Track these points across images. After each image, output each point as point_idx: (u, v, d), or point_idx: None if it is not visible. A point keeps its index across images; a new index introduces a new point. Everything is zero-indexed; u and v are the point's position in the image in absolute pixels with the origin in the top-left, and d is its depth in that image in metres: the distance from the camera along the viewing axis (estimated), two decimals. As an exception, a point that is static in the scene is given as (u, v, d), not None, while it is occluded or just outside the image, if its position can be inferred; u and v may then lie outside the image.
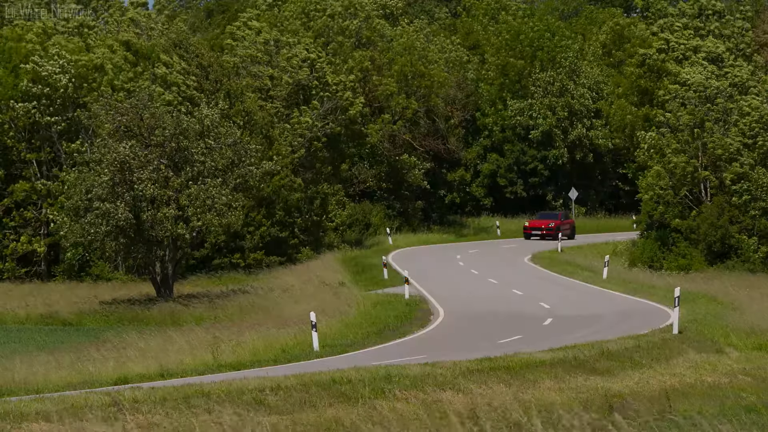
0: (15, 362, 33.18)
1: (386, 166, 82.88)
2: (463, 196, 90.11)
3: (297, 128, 72.02)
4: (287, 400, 22.64)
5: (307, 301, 45.76)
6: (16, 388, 29.21)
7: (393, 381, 24.57)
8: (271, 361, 32.60)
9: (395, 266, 60.46)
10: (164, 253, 53.92)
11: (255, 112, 67.69)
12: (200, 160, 53.50)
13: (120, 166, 52.35)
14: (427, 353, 31.57)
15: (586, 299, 46.58)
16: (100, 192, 52.27)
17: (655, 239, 61.67)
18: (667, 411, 15.17)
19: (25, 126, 66.86)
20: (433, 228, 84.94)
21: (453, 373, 25.58)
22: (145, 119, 53.76)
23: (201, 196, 52.86)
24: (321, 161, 73.69)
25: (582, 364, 27.42)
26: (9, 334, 45.62)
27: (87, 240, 53.13)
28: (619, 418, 13.78)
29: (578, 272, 57.12)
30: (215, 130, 54.32)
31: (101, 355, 34.80)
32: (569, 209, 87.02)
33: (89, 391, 25.60)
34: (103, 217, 52.04)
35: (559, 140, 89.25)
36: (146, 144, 53.60)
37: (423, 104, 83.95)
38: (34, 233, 66.66)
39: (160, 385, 26.20)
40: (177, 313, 49.58)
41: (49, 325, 49.39)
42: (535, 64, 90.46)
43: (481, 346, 32.34)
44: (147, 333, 40.16)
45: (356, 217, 77.53)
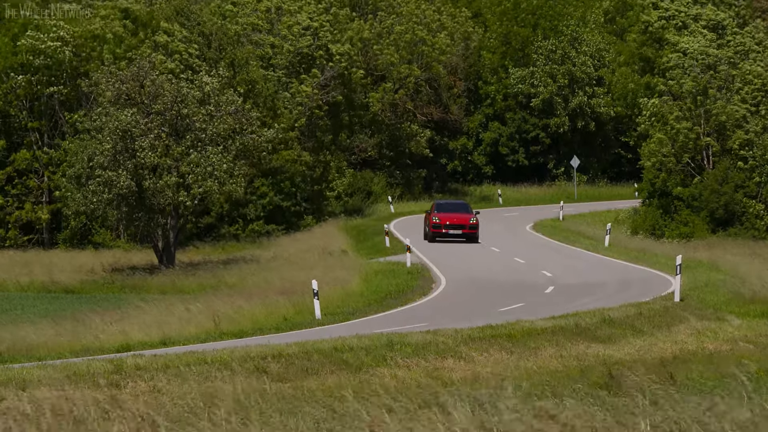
0: (17, 329, 33.24)
1: (388, 134, 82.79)
2: (465, 165, 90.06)
3: (297, 97, 71.90)
4: (289, 367, 22.68)
5: (309, 269, 45.80)
6: (19, 355, 29.29)
7: (395, 349, 24.61)
8: (273, 329, 32.66)
9: (397, 234, 60.48)
10: (166, 221, 53.94)
11: (258, 81, 67.55)
12: (201, 128, 53.45)
13: (121, 134, 52.30)
14: (429, 321, 31.62)
15: (588, 267, 46.61)
16: (102, 160, 52.25)
17: (657, 207, 61.64)
18: (668, 378, 15.19)
19: (26, 95, 66.78)
20: (434, 196, 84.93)
21: (455, 341, 25.62)
22: (146, 87, 53.67)
23: (202, 163, 52.84)
24: (322, 130, 73.61)
25: (583, 331, 27.46)
26: (11, 301, 45.70)
27: (89, 208, 53.13)
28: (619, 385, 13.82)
29: (580, 240, 57.13)
30: (216, 98, 54.23)
31: (103, 322, 34.86)
32: (571, 178, 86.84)
33: (92, 359, 25.66)
34: (105, 185, 52.04)
35: (560, 108, 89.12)
36: (147, 112, 53.53)
37: (425, 73, 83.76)
38: (37, 201, 66.70)
39: (162, 352, 26.27)
40: (179, 281, 49.64)
41: (52, 292, 49.46)
42: (537, 32, 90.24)
43: (482, 314, 32.38)
44: (149, 301, 40.22)
45: (358, 185, 77.51)
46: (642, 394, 12.49)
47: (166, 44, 67.18)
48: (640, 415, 10.28)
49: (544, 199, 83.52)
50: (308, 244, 58.92)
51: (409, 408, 10.23)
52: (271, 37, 74.28)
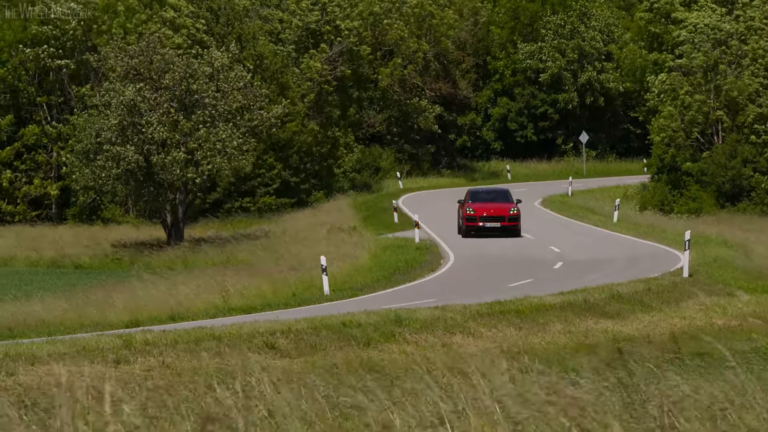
0: (27, 305, 33.32)
1: (396, 110, 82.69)
2: (474, 140, 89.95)
3: (306, 72, 71.80)
4: (298, 343, 22.73)
5: (318, 245, 45.84)
6: (28, 330, 29.37)
7: (403, 324, 24.64)
8: (281, 305, 32.70)
9: (405, 210, 60.47)
10: (174, 197, 53.98)
11: (267, 56, 67.46)
12: (211, 104, 53.42)
13: (128, 110, 52.30)
14: (438, 297, 31.65)
15: (597, 243, 46.58)
16: (110, 135, 52.27)
17: (665, 182, 61.55)
18: (676, 353, 15.21)
19: (35, 70, 66.77)
20: (443, 172, 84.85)
21: (463, 317, 25.63)
22: (155, 62, 53.63)
23: (211, 139, 52.84)
24: (330, 106, 73.52)
25: (592, 307, 27.46)
26: (21, 276, 45.80)
27: (98, 183, 53.20)
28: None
29: (589, 216, 57.08)
30: (224, 74, 54.18)
31: (112, 298, 34.94)
32: (580, 153, 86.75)
33: (101, 334, 25.72)
34: (113, 161, 52.08)
35: (569, 84, 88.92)
36: (156, 87, 53.50)
37: (433, 48, 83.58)
38: (45, 176, 66.77)
39: (171, 328, 26.32)
40: (187, 257, 49.70)
41: (61, 268, 49.56)
42: (546, 6, 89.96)
43: (491, 290, 32.39)
44: (158, 276, 40.27)
45: (366, 161, 77.46)
46: (649, 370, 12.50)
47: (173, 19, 67.09)
48: (645, 390, 10.29)
49: (553, 174, 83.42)
50: (317, 220, 58.94)
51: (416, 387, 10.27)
52: (279, 11, 74.12)
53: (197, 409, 9.89)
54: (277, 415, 9.12)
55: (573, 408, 8.67)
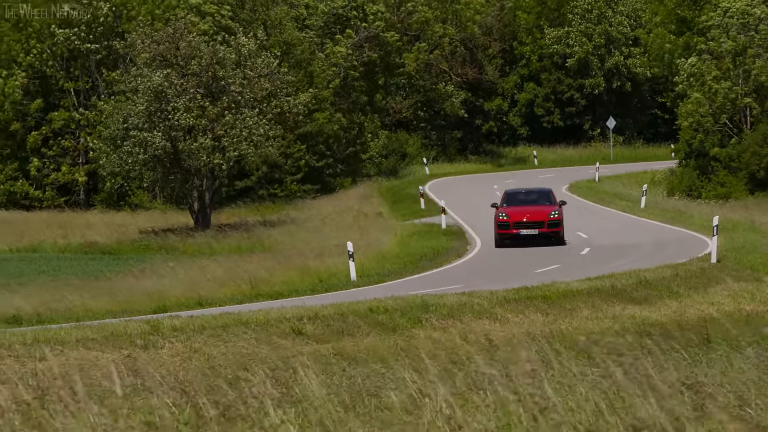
0: (55, 290, 33.47)
1: (422, 95, 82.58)
2: (500, 126, 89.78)
3: (332, 58, 71.77)
4: (325, 329, 22.76)
5: (345, 231, 45.87)
6: (57, 316, 29.51)
7: (430, 310, 24.63)
8: (308, 291, 32.74)
9: (432, 196, 60.43)
10: (201, 183, 54.10)
11: (294, 43, 67.46)
12: (237, 91, 53.48)
13: (155, 95, 52.41)
14: (464, 283, 31.62)
15: (624, 229, 46.45)
16: (137, 121, 52.41)
17: (693, 168, 61.32)
18: (705, 339, 15.17)
19: (64, 55, 66.98)
20: (469, 158, 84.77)
21: (490, 303, 25.61)
22: (182, 48, 53.70)
23: (237, 125, 52.90)
24: (357, 91, 73.48)
25: (619, 293, 27.39)
26: (49, 262, 46.00)
27: (125, 169, 53.37)
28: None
29: (616, 201, 56.93)
30: (251, 60, 54.21)
31: (140, 283, 35.05)
32: (607, 139, 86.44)
33: (128, 319, 25.82)
34: (140, 146, 52.22)
35: (595, 68, 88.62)
36: (183, 73, 53.59)
37: (460, 33, 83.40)
38: (73, 163, 67.04)
39: (198, 313, 26.40)
40: (215, 243, 49.82)
41: (89, 254, 49.75)
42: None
43: (518, 276, 32.35)
44: (185, 262, 40.38)
45: (392, 147, 77.45)
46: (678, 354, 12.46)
47: (198, 6, 67.14)
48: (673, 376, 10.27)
49: (580, 160, 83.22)
50: (343, 206, 58.98)
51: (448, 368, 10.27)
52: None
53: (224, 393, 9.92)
54: (309, 398, 9.15)
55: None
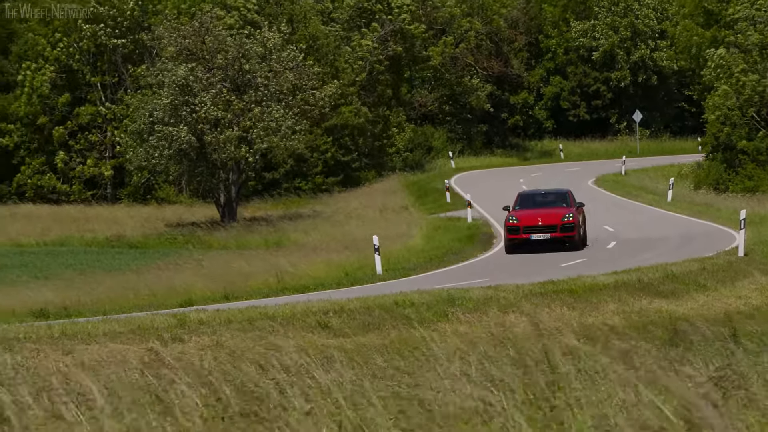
0: (82, 284, 33.59)
1: (448, 89, 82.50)
2: (526, 119, 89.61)
3: (358, 51, 71.76)
4: (351, 322, 22.76)
5: (370, 225, 45.88)
6: (84, 309, 29.62)
7: (456, 304, 24.60)
8: (334, 285, 32.77)
9: (457, 190, 60.37)
10: (227, 177, 54.19)
11: (319, 36, 67.47)
12: (263, 84, 53.54)
13: (181, 89, 52.51)
14: (490, 276, 31.58)
15: (651, 222, 46.31)
16: (162, 115, 52.53)
17: (720, 161, 61.05)
18: (733, 333, 15.10)
19: (90, 49, 67.18)
20: (495, 151, 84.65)
21: (516, 296, 25.56)
22: (208, 42, 53.78)
23: (264, 118, 52.97)
24: (382, 85, 73.45)
25: (646, 287, 27.30)
26: (76, 256, 46.18)
27: (151, 163, 53.50)
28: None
29: (642, 195, 56.76)
30: (277, 54, 54.26)
31: (166, 277, 35.14)
32: (634, 132, 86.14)
33: (155, 313, 25.90)
34: (166, 140, 52.34)
35: (621, 61, 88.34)
36: (209, 67, 53.67)
37: (485, 26, 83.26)
38: (100, 156, 67.25)
39: (224, 307, 26.45)
40: (241, 237, 49.92)
41: (115, 247, 49.91)
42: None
43: (544, 270, 32.29)
44: (211, 256, 40.47)
45: (418, 140, 77.41)
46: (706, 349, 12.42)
47: (224, 0, 67.21)
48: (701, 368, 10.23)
49: (606, 153, 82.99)
50: (369, 200, 58.98)
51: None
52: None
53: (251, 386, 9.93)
54: (334, 393, 9.15)
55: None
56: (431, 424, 8.14)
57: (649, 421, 7.62)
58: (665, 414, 7.64)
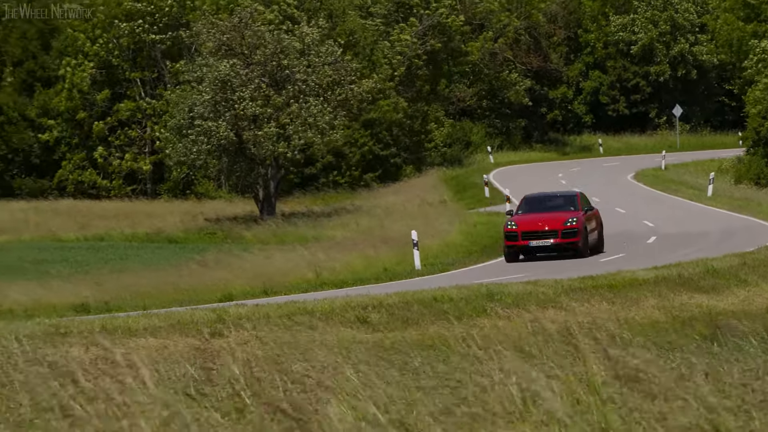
0: (123, 279, 33.76)
1: (487, 83, 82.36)
2: (565, 114, 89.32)
3: (397, 46, 71.73)
4: (390, 317, 22.76)
5: (409, 220, 45.86)
6: (124, 304, 29.76)
7: (495, 299, 24.55)
8: (372, 280, 32.79)
9: (496, 184, 60.27)
10: (266, 172, 54.32)
11: (357, 31, 67.51)
12: (302, 79, 53.61)
13: (221, 85, 52.67)
14: (529, 272, 31.51)
15: (691, 217, 46.07)
16: (202, 110, 52.70)
17: (761, 155, 60.66)
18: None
19: (129, 45, 67.49)
20: (534, 146, 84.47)
21: (555, 292, 25.48)
22: (246, 38, 53.91)
23: (302, 114, 53.05)
24: (421, 80, 73.41)
25: (686, 282, 27.16)
26: (116, 251, 46.40)
27: (190, 159, 53.69)
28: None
29: (682, 190, 56.48)
30: (315, 49, 54.32)
31: (205, 272, 35.27)
32: (673, 127, 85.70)
33: (195, 308, 25.99)
34: (205, 136, 52.51)
35: (661, 55, 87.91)
36: (247, 63, 53.80)
37: (524, 21, 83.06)
38: (139, 152, 67.57)
39: (263, 302, 26.52)
40: (279, 232, 50.03)
41: (155, 242, 50.14)
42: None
43: (583, 265, 32.18)
44: (250, 251, 40.58)
45: (457, 135, 77.33)
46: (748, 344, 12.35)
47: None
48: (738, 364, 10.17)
49: (646, 148, 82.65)
50: (408, 195, 58.97)
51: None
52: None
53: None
54: (372, 388, 9.15)
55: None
56: (474, 423, 8.14)
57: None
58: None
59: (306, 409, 8.48)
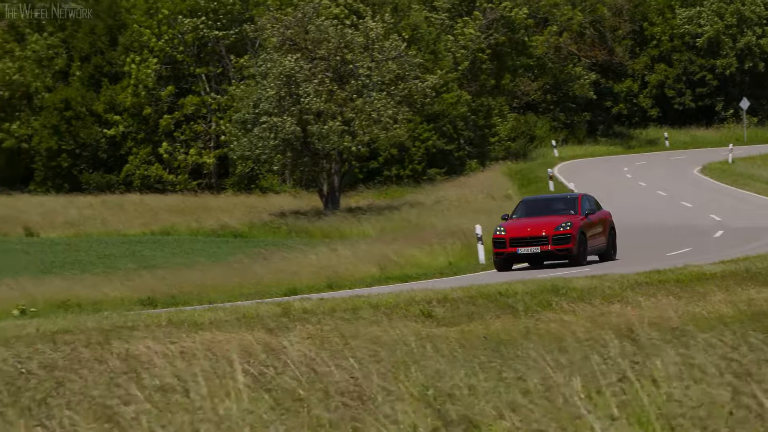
0: (189, 273, 33.97)
1: (551, 77, 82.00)
2: (630, 108, 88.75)
3: (461, 40, 71.60)
4: (454, 312, 22.73)
5: (473, 214, 45.76)
6: (190, 298, 29.96)
7: (560, 293, 24.43)
8: (437, 274, 32.76)
9: (561, 179, 60.01)
10: (330, 166, 54.43)
11: (421, 26, 67.46)
12: (365, 74, 53.65)
13: (285, 80, 52.83)
14: (594, 266, 31.32)
15: (759, 211, 45.60)
16: (267, 106, 52.89)
17: (831, 149, 59.92)
18: None
19: (194, 41, 67.90)
20: (599, 140, 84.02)
21: (621, 286, 25.32)
22: (310, 32, 54.03)
23: (366, 109, 53.09)
24: (485, 74, 73.23)
25: (754, 276, 26.88)
26: (182, 245, 46.72)
27: (255, 153, 53.92)
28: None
29: (751, 183, 55.92)
30: (379, 44, 54.34)
31: (270, 266, 35.41)
32: (741, 120, 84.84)
33: (260, 302, 26.10)
34: (271, 131, 52.71)
35: (727, 48, 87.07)
36: (311, 57, 53.92)
37: (589, 15, 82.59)
38: (204, 146, 67.97)
39: (328, 296, 26.57)
40: (343, 226, 50.12)
41: (220, 237, 50.42)
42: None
43: (649, 259, 31.96)
44: (314, 245, 40.68)
45: (521, 129, 77.09)
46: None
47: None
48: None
49: (712, 142, 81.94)
50: (472, 189, 58.87)
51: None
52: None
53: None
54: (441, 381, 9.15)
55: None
56: (542, 418, 8.10)
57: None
58: None
59: (367, 403, 8.48)
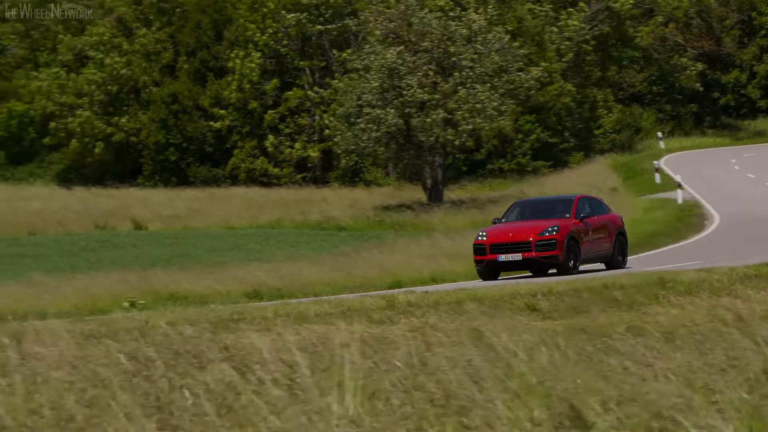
0: (295, 266, 34.19)
1: (657, 68, 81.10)
2: (738, 99, 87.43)
3: (565, 31, 71.12)
4: (559, 305, 22.59)
5: (578, 206, 45.37)
6: (296, 290, 30.15)
7: (667, 287, 24.15)
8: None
9: (667, 171, 59.33)
10: (434, 159, 54.43)
11: (525, 18, 67.15)
12: (469, 66, 53.54)
13: (388, 72, 52.93)
14: (702, 259, 30.96)
15: None
16: (370, 98, 53.04)
17: None
18: None
19: (297, 35, 68.33)
20: (706, 132, 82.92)
21: (729, 279, 24.95)
22: (414, 25, 54.06)
23: (470, 100, 52.99)
24: (589, 65, 72.66)
25: None
26: (287, 238, 47.03)
27: (359, 147, 54.12)
28: None
29: None
30: (482, 36, 54.20)
31: (375, 259, 35.50)
32: None
33: (364, 295, 26.18)
34: (374, 123, 52.85)
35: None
36: (414, 50, 53.95)
37: (695, 4, 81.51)
38: (309, 140, 68.38)
39: (432, 289, 26.57)
40: (447, 218, 50.08)
41: (325, 230, 50.65)
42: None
43: (759, 252, 31.48)
44: (418, 238, 40.71)
45: (626, 121, 76.37)
46: None
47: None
48: None
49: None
50: (576, 181, 58.47)
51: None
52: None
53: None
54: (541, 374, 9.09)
55: None
56: (644, 414, 8.01)
57: None
58: None
59: (471, 399, 8.46)
